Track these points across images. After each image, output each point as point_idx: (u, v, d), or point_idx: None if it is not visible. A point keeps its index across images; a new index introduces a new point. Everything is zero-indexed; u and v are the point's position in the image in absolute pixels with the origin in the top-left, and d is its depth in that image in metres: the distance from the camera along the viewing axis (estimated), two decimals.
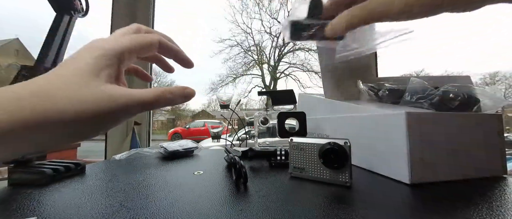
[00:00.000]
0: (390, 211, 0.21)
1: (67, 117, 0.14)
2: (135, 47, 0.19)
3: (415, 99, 0.35)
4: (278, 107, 0.52)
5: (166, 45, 0.22)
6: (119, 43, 0.18)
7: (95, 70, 0.16)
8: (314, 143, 0.30)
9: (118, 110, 0.16)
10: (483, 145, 0.31)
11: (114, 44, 0.18)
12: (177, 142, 0.54)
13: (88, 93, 0.15)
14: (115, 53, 0.17)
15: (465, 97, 0.33)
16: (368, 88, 0.42)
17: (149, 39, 0.20)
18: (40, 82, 0.15)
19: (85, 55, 0.17)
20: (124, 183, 0.31)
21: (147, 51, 0.20)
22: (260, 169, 0.37)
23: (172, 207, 0.22)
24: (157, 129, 10.85)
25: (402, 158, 0.29)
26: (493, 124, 0.32)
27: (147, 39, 0.20)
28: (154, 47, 0.20)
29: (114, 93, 0.16)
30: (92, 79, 0.16)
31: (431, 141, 0.29)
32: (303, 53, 7.45)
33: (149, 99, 0.17)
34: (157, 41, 0.20)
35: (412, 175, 0.28)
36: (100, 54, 0.17)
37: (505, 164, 0.32)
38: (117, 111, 0.16)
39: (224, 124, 0.88)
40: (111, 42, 0.18)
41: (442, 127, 0.30)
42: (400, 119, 0.29)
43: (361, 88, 0.43)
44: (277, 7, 7.54)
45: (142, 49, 0.19)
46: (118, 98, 0.16)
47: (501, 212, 0.20)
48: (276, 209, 0.21)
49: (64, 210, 0.22)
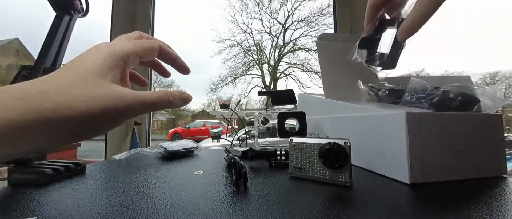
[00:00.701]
0: (390, 211, 0.21)
1: (76, 113, 0.14)
2: (139, 51, 0.20)
3: (415, 99, 0.35)
4: (278, 107, 0.52)
5: (166, 51, 0.23)
6: (124, 47, 0.19)
7: (103, 71, 0.17)
8: (314, 143, 0.30)
9: (124, 109, 0.16)
10: (483, 145, 0.31)
11: (120, 47, 0.19)
12: (177, 142, 0.54)
13: (97, 91, 0.16)
14: (121, 56, 0.18)
15: (465, 97, 0.33)
16: (368, 88, 0.42)
17: (151, 44, 0.21)
18: (49, 79, 0.15)
19: (93, 56, 0.17)
20: (124, 183, 0.31)
21: (150, 56, 0.21)
22: (260, 169, 0.37)
23: (172, 207, 0.22)
24: (157, 129, 10.85)
25: (402, 158, 0.29)
26: (493, 124, 0.32)
27: (149, 44, 0.21)
28: (155, 52, 0.22)
29: (121, 93, 0.17)
30: (101, 78, 0.16)
31: (431, 141, 0.29)
32: (303, 53, 7.46)
33: (152, 100, 0.18)
34: (158, 46, 0.22)
35: (412, 175, 0.28)
36: (108, 56, 0.17)
37: (505, 164, 0.32)
38: (123, 110, 0.16)
39: (224, 124, 0.88)
40: (118, 46, 0.19)
41: (442, 126, 0.30)
42: (400, 119, 0.29)
43: (361, 88, 0.43)
44: (277, 7, 7.53)
45: (145, 53, 0.21)
46: (124, 98, 0.16)
47: (501, 212, 0.20)
48: (276, 209, 0.21)
49: (64, 210, 0.22)
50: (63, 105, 0.14)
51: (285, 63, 7.86)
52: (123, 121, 0.18)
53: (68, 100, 0.14)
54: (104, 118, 0.16)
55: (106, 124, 0.17)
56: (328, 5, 6.34)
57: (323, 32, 0.51)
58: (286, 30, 7.31)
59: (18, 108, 0.13)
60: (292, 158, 0.32)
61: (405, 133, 0.28)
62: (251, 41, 7.76)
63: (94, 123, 0.16)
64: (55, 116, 0.14)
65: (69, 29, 0.42)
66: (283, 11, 7.49)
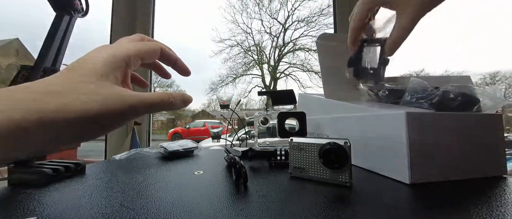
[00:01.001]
0: (391, 211, 0.21)
1: (78, 114, 0.14)
2: (141, 53, 0.20)
3: (415, 99, 0.35)
4: (278, 107, 0.52)
5: (167, 53, 0.23)
6: (126, 49, 0.19)
7: (106, 72, 0.17)
8: (314, 143, 0.30)
9: (125, 110, 0.16)
10: (483, 145, 0.31)
11: (122, 49, 0.19)
12: (177, 142, 0.54)
13: (99, 92, 0.16)
14: (123, 57, 0.18)
15: (465, 97, 0.33)
16: (368, 89, 0.42)
17: (152, 46, 0.21)
18: (51, 81, 0.15)
19: (94, 58, 0.17)
20: (124, 183, 0.31)
21: (151, 58, 0.22)
22: (260, 169, 0.37)
23: (172, 207, 0.22)
24: (157, 129, 10.85)
25: (402, 158, 0.29)
26: (493, 124, 0.32)
27: (151, 46, 0.21)
28: (156, 54, 0.22)
29: (123, 94, 0.17)
30: (103, 79, 0.16)
31: (431, 141, 0.29)
32: (303, 53, 7.46)
33: (154, 101, 0.18)
34: (159, 48, 0.22)
35: (412, 175, 0.28)
36: (110, 57, 0.18)
37: (505, 163, 0.32)
38: (125, 111, 0.16)
39: (224, 124, 0.88)
40: (120, 48, 0.19)
41: (442, 126, 0.30)
42: (400, 119, 0.29)
43: (361, 88, 0.43)
44: (277, 7, 7.53)
45: (147, 55, 0.21)
46: (127, 99, 0.17)
47: (501, 212, 0.20)
48: (276, 209, 0.21)
49: (64, 210, 0.22)
50: (66, 106, 0.14)
51: (285, 63, 7.86)
52: (124, 121, 0.18)
53: (70, 102, 0.14)
54: (105, 119, 0.16)
55: (107, 125, 0.17)
56: (328, 5, 6.35)
57: (323, 32, 0.51)
58: (286, 30, 7.32)
59: (20, 109, 0.13)
60: (292, 158, 0.32)
61: (405, 132, 0.28)
62: (251, 41, 7.75)
63: (96, 124, 0.16)
64: (58, 117, 0.14)
65: (69, 29, 0.42)
66: (283, 11, 7.49)
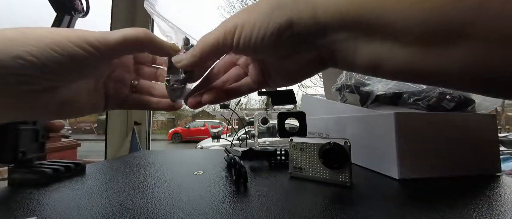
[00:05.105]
0: (390, 209, 0.21)
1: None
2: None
3: (412, 100, 0.36)
4: (278, 107, 0.52)
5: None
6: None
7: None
8: (314, 143, 0.30)
9: (82, 45, 0.16)
10: (473, 144, 0.32)
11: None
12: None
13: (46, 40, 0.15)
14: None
15: (461, 98, 0.35)
16: (335, 90, 0.44)
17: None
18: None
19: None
20: (124, 183, 0.31)
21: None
22: (260, 169, 0.37)
23: (172, 207, 0.22)
24: (157, 129, 10.85)
25: (392, 155, 0.30)
26: (485, 123, 0.33)
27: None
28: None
29: (84, 32, 0.16)
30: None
31: (421, 140, 0.31)
32: None
33: (127, 36, 0.17)
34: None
35: (401, 171, 0.30)
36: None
37: (498, 162, 0.33)
38: (81, 47, 0.16)
39: (224, 124, 0.88)
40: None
41: (431, 126, 0.31)
42: (390, 119, 0.31)
43: (333, 93, 0.45)
44: None
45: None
46: (86, 34, 0.16)
47: (496, 209, 0.20)
48: (276, 209, 0.22)
49: (64, 210, 0.22)
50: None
51: None
52: (84, 67, 0.17)
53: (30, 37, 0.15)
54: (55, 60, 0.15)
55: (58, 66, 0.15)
56: None
57: None
58: None
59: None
60: (292, 158, 0.32)
61: (394, 131, 0.30)
62: None
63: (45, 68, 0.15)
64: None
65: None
66: None
